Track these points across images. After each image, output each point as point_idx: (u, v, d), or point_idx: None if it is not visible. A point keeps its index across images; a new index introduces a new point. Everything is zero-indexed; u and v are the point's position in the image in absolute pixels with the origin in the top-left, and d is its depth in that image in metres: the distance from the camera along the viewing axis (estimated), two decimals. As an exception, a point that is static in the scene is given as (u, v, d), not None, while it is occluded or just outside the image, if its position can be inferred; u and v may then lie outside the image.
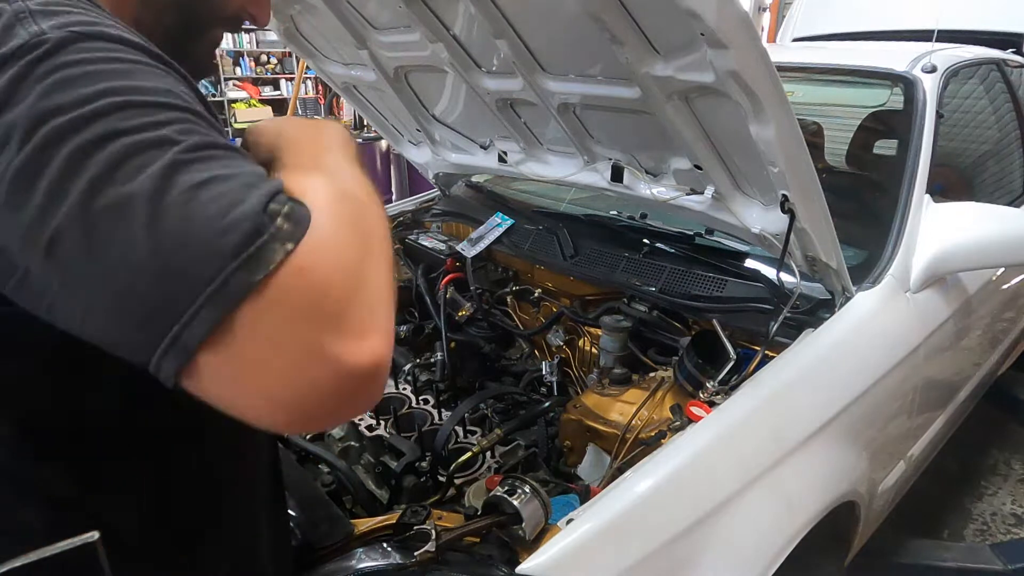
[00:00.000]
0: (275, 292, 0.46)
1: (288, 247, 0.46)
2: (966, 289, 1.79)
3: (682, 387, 1.34)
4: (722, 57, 1.05)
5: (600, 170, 1.71)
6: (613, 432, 1.32)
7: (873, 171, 2.24)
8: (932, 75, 1.90)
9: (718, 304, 1.51)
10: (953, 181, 2.29)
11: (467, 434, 1.53)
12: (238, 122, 9.37)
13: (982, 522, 2.51)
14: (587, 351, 1.76)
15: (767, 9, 7.74)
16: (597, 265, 1.78)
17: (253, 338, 0.46)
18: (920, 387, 1.65)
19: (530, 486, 1.01)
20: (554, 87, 1.51)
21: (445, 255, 2.03)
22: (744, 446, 1.18)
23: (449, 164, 2.20)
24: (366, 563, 0.98)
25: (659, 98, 1.29)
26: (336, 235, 0.50)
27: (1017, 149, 2.50)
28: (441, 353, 1.77)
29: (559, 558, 0.93)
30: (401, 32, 1.63)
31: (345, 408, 0.51)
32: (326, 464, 1.39)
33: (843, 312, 1.42)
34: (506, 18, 1.36)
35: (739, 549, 1.12)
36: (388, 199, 5.58)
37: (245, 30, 9.42)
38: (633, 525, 1.01)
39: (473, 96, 1.75)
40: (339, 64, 1.99)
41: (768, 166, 1.21)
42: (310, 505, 1.12)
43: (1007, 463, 2.84)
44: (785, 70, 2.00)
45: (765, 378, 1.26)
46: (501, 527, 1.01)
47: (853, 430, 1.40)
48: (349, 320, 0.48)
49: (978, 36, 2.75)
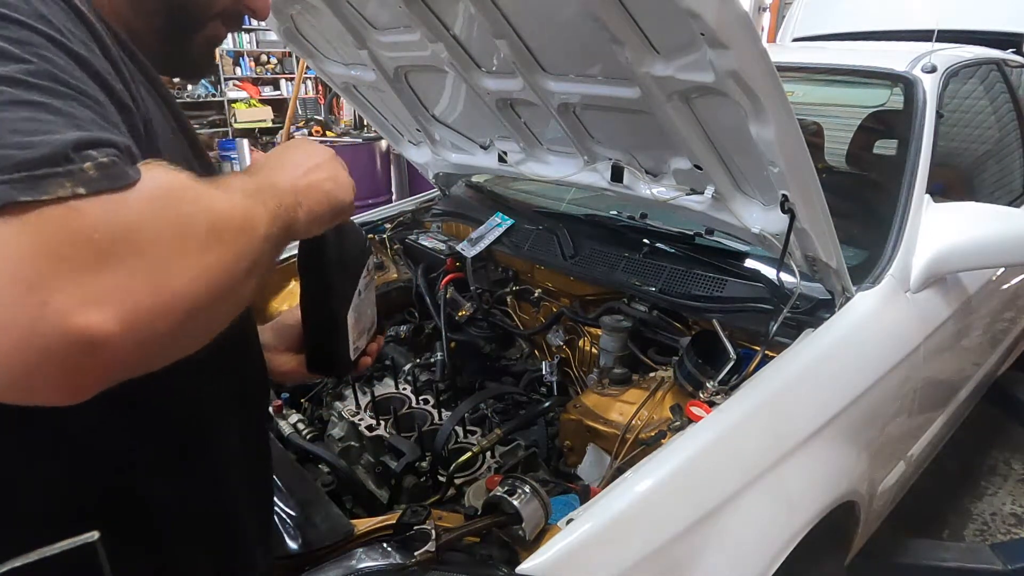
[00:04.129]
0: (30, 219, 0.42)
1: (79, 190, 0.43)
2: (966, 289, 1.79)
3: (682, 387, 1.34)
4: (722, 57, 1.05)
5: (600, 170, 1.71)
6: (613, 432, 1.32)
7: (873, 171, 2.24)
8: (932, 75, 1.90)
9: (718, 304, 1.51)
10: (953, 181, 2.29)
11: (467, 434, 1.53)
12: (238, 122, 9.37)
13: (982, 522, 2.52)
14: (587, 351, 1.76)
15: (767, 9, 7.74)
16: (597, 265, 1.78)
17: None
18: (920, 387, 1.65)
19: (530, 486, 1.01)
20: (554, 87, 1.51)
21: (445, 255, 2.03)
22: (744, 446, 1.18)
23: (449, 164, 2.20)
24: (366, 563, 0.98)
25: (659, 98, 1.29)
26: (147, 212, 0.47)
27: (1017, 149, 2.50)
28: (441, 353, 1.77)
29: (559, 558, 0.93)
30: (401, 32, 1.63)
31: (39, 374, 0.43)
32: (326, 464, 1.39)
33: (843, 312, 1.42)
34: (506, 18, 1.36)
35: (739, 549, 1.12)
36: (388, 199, 5.59)
37: (246, 30, 9.43)
38: (633, 525, 1.01)
39: (473, 96, 1.75)
40: (339, 64, 1.99)
41: (768, 166, 1.21)
42: (310, 505, 1.12)
43: (1007, 463, 2.84)
44: (785, 70, 2.00)
45: (765, 378, 1.26)
46: (501, 527, 1.01)
47: (853, 430, 1.40)
48: (96, 282, 0.43)
49: (978, 36, 2.75)
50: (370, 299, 0.98)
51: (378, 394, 1.66)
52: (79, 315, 0.42)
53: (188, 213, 0.50)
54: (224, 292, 0.52)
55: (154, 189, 0.48)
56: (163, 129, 0.65)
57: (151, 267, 0.46)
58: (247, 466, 0.83)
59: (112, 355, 0.44)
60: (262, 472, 0.91)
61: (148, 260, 0.46)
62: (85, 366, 0.44)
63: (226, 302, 0.54)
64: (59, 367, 0.43)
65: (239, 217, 0.55)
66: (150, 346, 0.47)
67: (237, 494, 0.81)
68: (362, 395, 1.65)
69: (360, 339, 0.96)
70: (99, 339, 0.43)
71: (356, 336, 0.94)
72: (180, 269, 0.48)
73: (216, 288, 0.51)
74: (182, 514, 0.72)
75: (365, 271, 0.93)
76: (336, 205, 0.72)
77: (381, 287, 2.04)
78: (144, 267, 0.46)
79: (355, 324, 0.93)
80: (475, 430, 1.54)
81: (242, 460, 0.81)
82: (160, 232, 0.47)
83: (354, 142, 5.63)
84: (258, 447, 0.89)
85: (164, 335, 0.48)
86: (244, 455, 0.82)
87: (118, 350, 0.44)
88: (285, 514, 1.11)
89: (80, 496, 0.64)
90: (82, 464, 0.63)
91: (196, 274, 0.49)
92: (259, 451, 0.89)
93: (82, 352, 0.43)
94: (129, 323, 0.44)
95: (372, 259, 0.95)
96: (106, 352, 0.44)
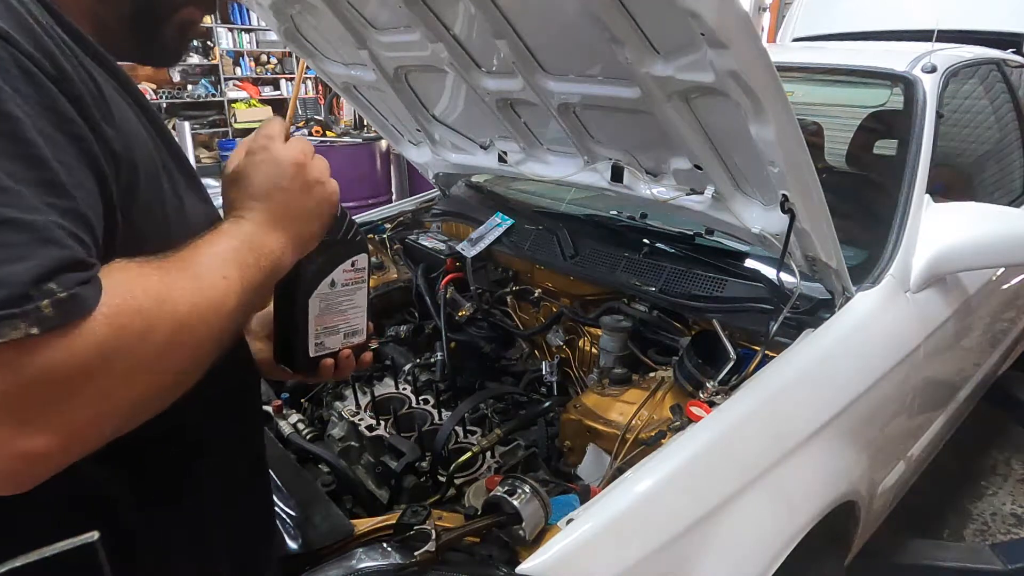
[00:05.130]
0: None
1: (33, 331, 0.45)
2: (966, 289, 1.79)
3: (682, 387, 1.34)
4: (722, 57, 1.05)
5: (600, 170, 1.71)
6: (613, 432, 1.31)
7: (873, 171, 2.24)
8: (932, 75, 1.90)
9: (718, 304, 1.51)
10: (953, 181, 2.29)
11: (467, 434, 1.53)
12: (238, 122, 9.38)
13: (982, 522, 2.52)
14: (587, 351, 1.76)
15: (767, 9, 7.75)
16: (597, 265, 1.78)
17: None
18: (920, 387, 1.65)
19: (530, 486, 1.01)
20: (554, 87, 1.51)
21: (445, 255, 2.03)
22: (744, 446, 1.18)
23: (449, 164, 2.19)
24: (366, 563, 0.98)
25: (659, 98, 1.29)
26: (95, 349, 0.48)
27: (1017, 149, 2.50)
28: (441, 353, 1.77)
29: (559, 558, 0.93)
30: (401, 32, 1.62)
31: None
32: (326, 464, 1.39)
33: (843, 312, 1.42)
34: (506, 18, 1.36)
35: (739, 549, 1.12)
36: (388, 199, 5.59)
37: (246, 29, 9.43)
38: (633, 525, 1.01)
39: (473, 96, 1.75)
40: (339, 64, 1.99)
41: (768, 166, 1.21)
42: (310, 505, 1.12)
43: (1007, 463, 2.84)
44: (785, 70, 2.00)
45: (765, 378, 1.26)
46: (501, 527, 1.01)
47: (853, 430, 1.40)
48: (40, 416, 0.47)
49: (978, 36, 2.75)
50: (356, 302, 0.91)
51: (378, 394, 1.66)
52: (20, 442, 0.46)
53: (141, 334, 0.52)
54: (177, 388, 0.57)
55: (110, 316, 0.50)
56: (139, 138, 0.63)
57: (96, 400, 0.50)
58: (228, 507, 0.80)
59: (49, 466, 0.49)
60: (249, 514, 0.88)
61: (93, 394, 0.49)
62: (23, 473, 0.48)
63: (181, 387, 0.58)
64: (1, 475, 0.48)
65: (204, 306, 0.57)
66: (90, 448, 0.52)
67: (213, 533, 0.78)
68: (362, 395, 1.65)
69: (329, 338, 0.90)
70: (38, 457, 0.47)
71: (321, 331, 0.88)
72: (125, 395, 0.52)
73: (166, 391, 0.56)
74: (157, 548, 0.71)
75: (350, 264, 0.88)
76: (326, 217, 0.73)
77: (381, 287, 2.04)
78: (89, 401, 0.49)
79: (320, 318, 0.87)
80: (475, 430, 1.54)
81: (222, 503, 0.79)
82: (110, 366, 0.50)
83: (354, 142, 5.63)
84: (248, 495, 0.87)
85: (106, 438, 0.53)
86: (225, 498, 0.80)
87: (55, 462, 0.49)
88: (285, 514, 1.11)
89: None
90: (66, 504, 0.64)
91: (142, 391, 0.53)
92: (247, 497, 0.87)
93: (22, 464, 0.47)
94: (67, 444, 0.49)
95: (366, 259, 0.90)
96: (44, 464, 0.48)
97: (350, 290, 0.89)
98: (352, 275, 0.89)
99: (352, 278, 0.89)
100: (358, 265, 0.89)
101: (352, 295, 0.90)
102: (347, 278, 0.88)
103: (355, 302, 0.91)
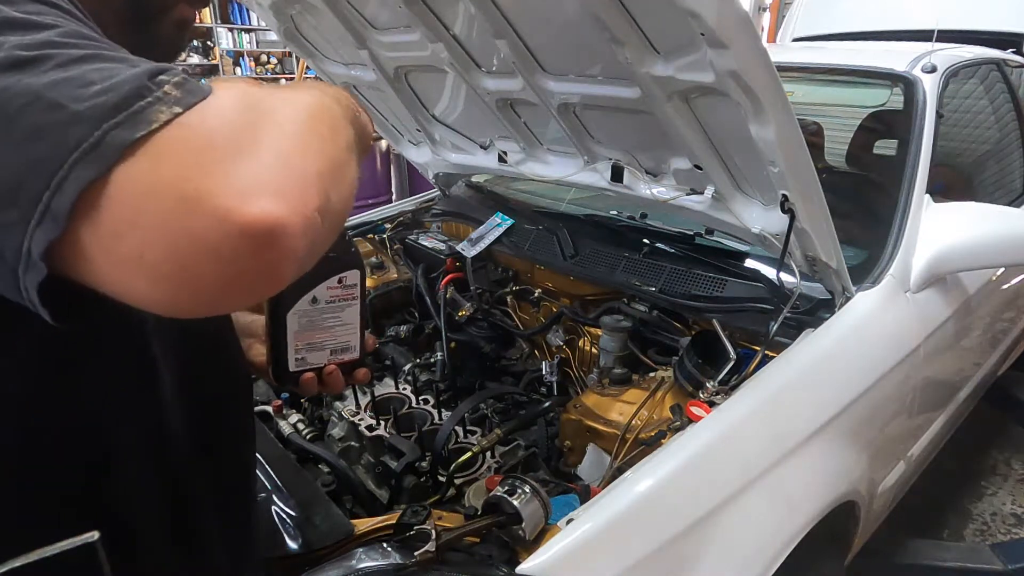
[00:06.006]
0: (156, 147, 0.42)
1: (176, 110, 0.43)
2: (966, 289, 1.79)
3: (682, 387, 1.34)
4: (722, 57, 1.05)
5: (600, 170, 1.71)
6: (613, 432, 1.32)
7: (873, 171, 2.24)
8: (932, 75, 1.90)
9: (718, 304, 1.51)
10: (953, 181, 2.29)
11: (467, 434, 1.53)
12: (238, 122, 9.36)
13: (982, 522, 2.52)
14: (587, 351, 1.76)
15: (767, 9, 7.75)
16: (597, 265, 1.78)
17: (129, 197, 0.41)
18: (920, 387, 1.65)
19: (530, 486, 1.01)
20: (554, 87, 1.51)
21: (445, 255, 2.03)
22: (744, 446, 1.18)
23: (449, 164, 2.20)
24: (366, 563, 0.98)
25: (659, 98, 1.29)
26: (237, 103, 0.47)
27: (1017, 149, 2.50)
28: (441, 353, 1.77)
29: (559, 558, 0.93)
30: (401, 32, 1.63)
31: (235, 280, 0.44)
32: (326, 464, 1.39)
33: (843, 312, 1.42)
34: (506, 18, 1.36)
35: (739, 549, 1.12)
36: (388, 199, 5.59)
37: (246, 29, 9.43)
38: (633, 525, 1.01)
39: (473, 96, 1.75)
40: (339, 64, 1.99)
41: (768, 166, 1.21)
42: (310, 505, 1.12)
43: (1007, 463, 2.84)
44: (785, 70, 2.00)
45: (765, 378, 1.26)
46: (501, 527, 1.01)
47: (853, 430, 1.40)
48: (238, 175, 0.43)
49: (978, 36, 2.75)
50: (344, 319, 0.87)
51: (378, 394, 1.66)
52: (244, 209, 0.42)
53: (275, 106, 0.49)
54: (347, 164, 0.54)
55: (233, 93, 0.48)
56: None
57: (274, 147, 0.46)
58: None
59: (291, 234, 0.44)
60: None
61: (270, 146, 0.46)
62: (273, 256, 0.44)
63: (348, 178, 0.54)
64: (248, 270, 0.44)
65: (325, 108, 0.55)
66: (314, 228, 0.47)
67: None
68: (362, 395, 1.65)
69: (312, 354, 0.87)
70: (276, 226, 0.43)
71: (303, 348, 0.86)
72: (300, 144, 0.48)
73: (339, 161, 0.52)
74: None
75: (336, 280, 0.84)
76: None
77: (381, 287, 2.04)
78: (269, 152, 0.45)
79: (300, 334, 0.85)
80: (475, 430, 1.54)
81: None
82: (262, 119, 0.47)
83: (354, 142, 5.62)
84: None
85: (331, 201, 0.49)
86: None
87: (291, 225, 0.44)
88: (285, 514, 1.11)
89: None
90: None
91: (314, 132, 0.50)
92: (235, 502, 0.85)
93: (265, 243, 0.43)
94: (297, 200, 0.45)
95: (357, 275, 0.86)
96: (281, 232, 0.44)
97: (336, 307, 0.86)
98: (339, 292, 0.85)
99: (340, 295, 0.86)
100: (347, 282, 0.85)
101: (339, 312, 0.86)
102: (333, 295, 0.85)
103: (343, 319, 0.87)
